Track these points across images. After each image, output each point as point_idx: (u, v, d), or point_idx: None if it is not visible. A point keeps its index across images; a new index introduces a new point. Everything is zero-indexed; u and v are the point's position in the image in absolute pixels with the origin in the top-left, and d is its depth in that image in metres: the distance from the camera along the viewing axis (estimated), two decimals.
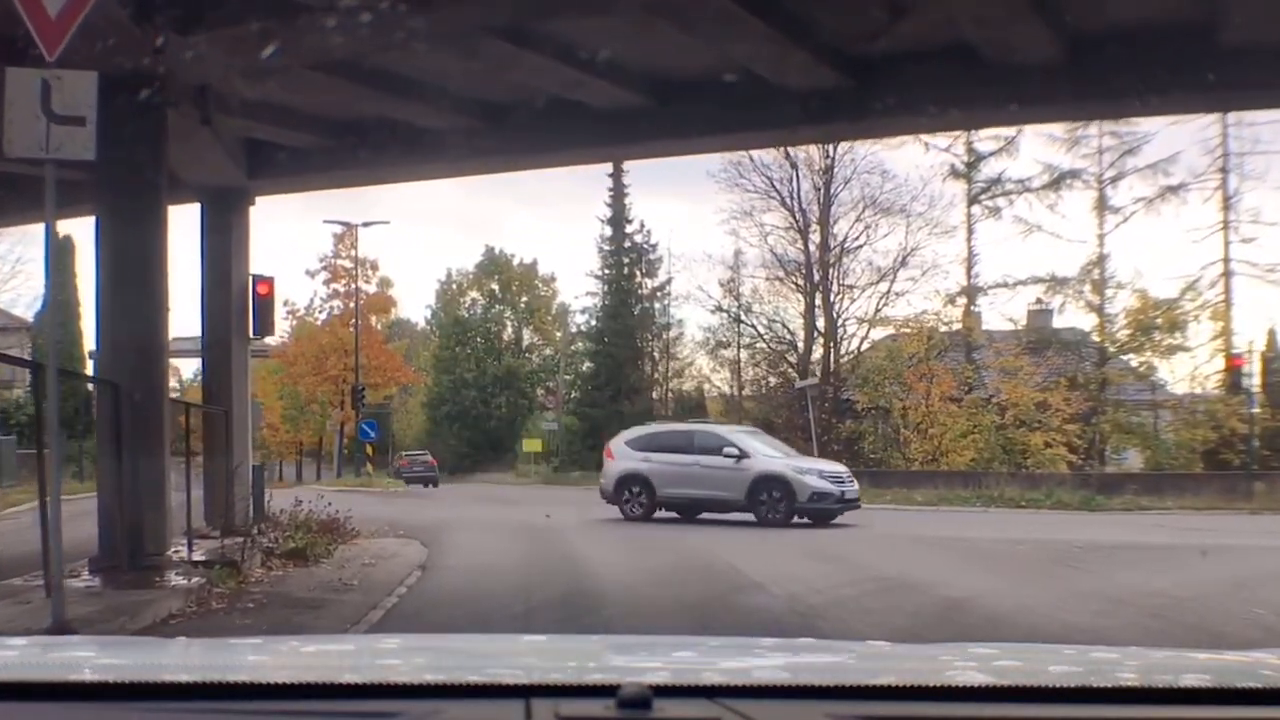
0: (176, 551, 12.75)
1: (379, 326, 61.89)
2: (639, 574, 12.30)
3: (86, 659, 2.15)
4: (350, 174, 14.92)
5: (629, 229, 50.20)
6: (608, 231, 50.32)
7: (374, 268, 50.85)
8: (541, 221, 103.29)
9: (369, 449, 40.36)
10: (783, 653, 2.44)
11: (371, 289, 51.44)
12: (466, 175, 15.69)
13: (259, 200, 16.02)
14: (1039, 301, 36.39)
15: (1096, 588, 11.37)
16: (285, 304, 56.16)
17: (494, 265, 63.31)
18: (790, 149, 38.98)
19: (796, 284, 39.88)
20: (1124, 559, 14.04)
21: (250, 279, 15.69)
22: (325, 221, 52.43)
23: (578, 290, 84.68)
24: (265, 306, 15.77)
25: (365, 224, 45.67)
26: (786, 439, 35.75)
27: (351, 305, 48.27)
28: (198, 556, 12.50)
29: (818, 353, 39.70)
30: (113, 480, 10.55)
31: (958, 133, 35.52)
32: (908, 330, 35.32)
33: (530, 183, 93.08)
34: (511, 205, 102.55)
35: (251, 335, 15.84)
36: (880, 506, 26.01)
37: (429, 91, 12.85)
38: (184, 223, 16.28)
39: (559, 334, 62.60)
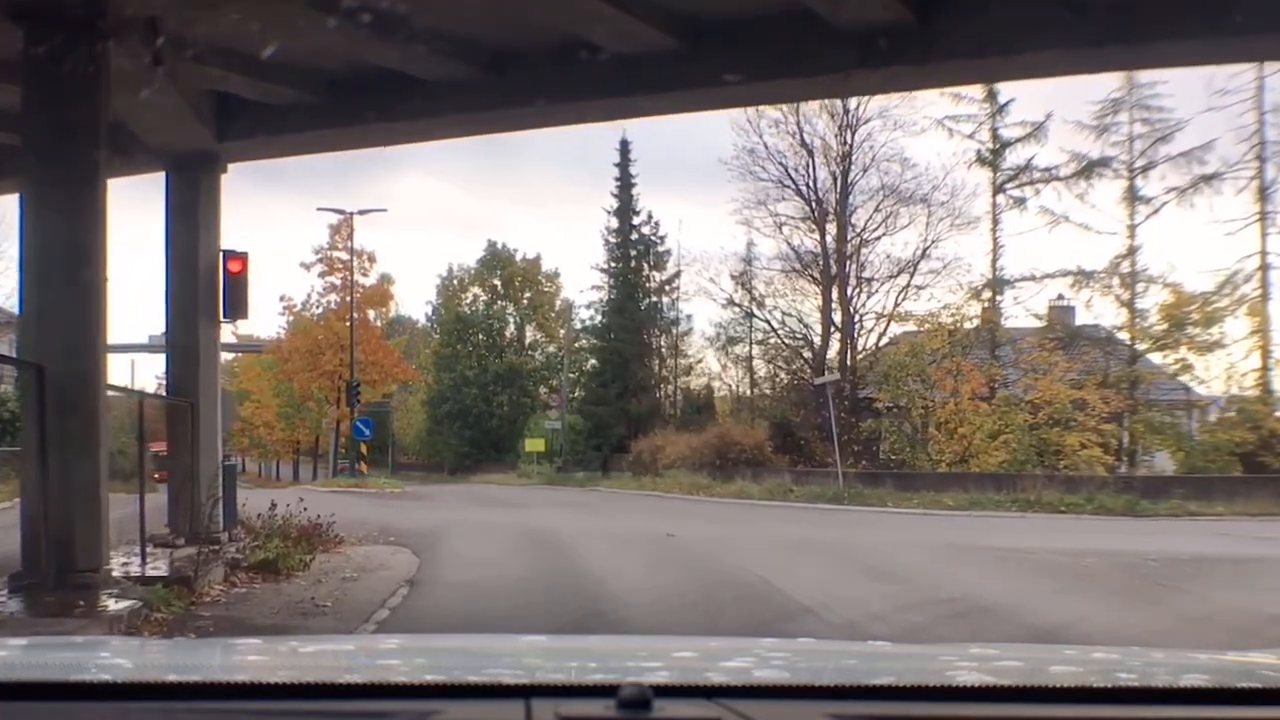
0: (125, 564, 11.08)
1: (378, 322, 60.21)
2: (663, 594, 10.54)
3: (86, 659, 2.14)
4: (335, 134, 13.10)
5: (636, 220, 48.35)
6: (614, 223, 48.49)
7: (371, 260, 49.00)
8: (544, 223, 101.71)
9: (363, 447, 38.45)
10: (783, 653, 2.39)
11: (369, 282, 49.51)
12: (467, 135, 13.88)
13: (233, 169, 14.27)
14: (1060, 298, 34.93)
15: (1204, 612, 9.65)
16: (282, 299, 54.66)
17: (496, 260, 61.45)
18: (806, 136, 37.42)
19: (813, 277, 38.06)
20: (1214, 575, 12.29)
21: (221, 255, 13.96)
22: (319, 209, 50.40)
23: (582, 286, 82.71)
24: (238, 286, 14.01)
25: (361, 211, 43.54)
26: (804, 439, 34.09)
27: (348, 299, 46.40)
28: (153, 570, 10.82)
29: (834, 349, 37.88)
30: (38, 483, 8.81)
31: (985, 110, 34.12)
32: (930, 325, 33.60)
33: (532, 182, 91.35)
34: (513, 206, 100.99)
35: (223, 318, 14.08)
36: (909, 510, 24.33)
37: (423, 35, 11.08)
38: (148, 191, 14.63)
39: (562, 331, 60.80)
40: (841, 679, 1.83)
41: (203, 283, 13.74)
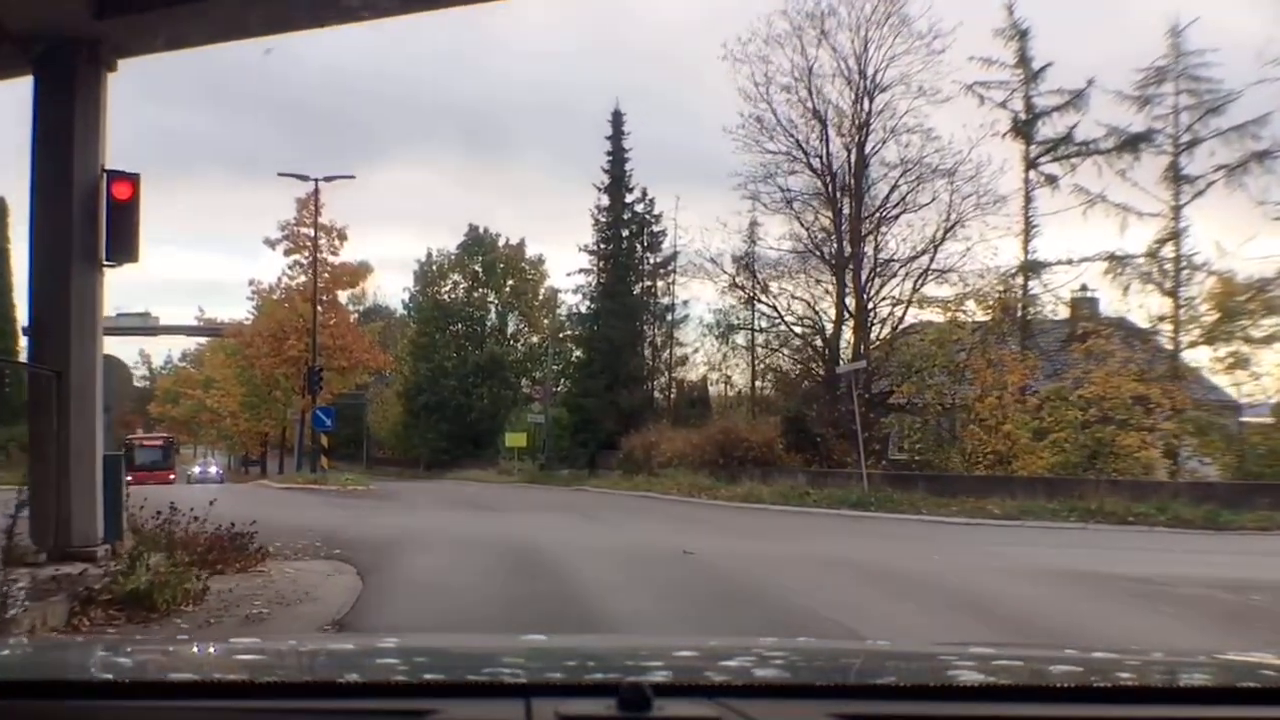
0: None
1: (353, 309, 56.60)
2: None
3: (86, 659, 2.09)
4: (248, 8, 9.67)
5: (629, 199, 44.69)
6: (605, 200, 44.74)
7: (341, 237, 45.19)
8: (533, 221, 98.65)
9: (324, 440, 34.72)
10: (783, 652, 2.32)
11: (338, 260, 45.75)
12: (420, 9, 10.40)
13: (123, 66, 10.84)
14: (1084, 288, 31.90)
15: None
16: (251, 283, 51.14)
17: (478, 245, 57.84)
18: (819, 105, 34.02)
19: (824, 258, 34.54)
20: None
21: (104, 176, 10.50)
22: (280, 174, 45.81)
23: (569, 270, 78.65)
24: (124, 217, 10.51)
25: (327, 178, 39.25)
26: (820, 436, 30.58)
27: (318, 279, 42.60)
28: None
29: (845, 337, 34.34)
30: None
31: (1018, 76, 30.96)
32: (955, 312, 30.32)
33: (522, 173, 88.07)
34: (499, 200, 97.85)
35: (105, 260, 10.58)
36: (951, 519, 20.98)
37: None
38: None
39: (547, 320, 57.26)
40: (841, 679, 1.85)
41: (78, 212, 10.31)
